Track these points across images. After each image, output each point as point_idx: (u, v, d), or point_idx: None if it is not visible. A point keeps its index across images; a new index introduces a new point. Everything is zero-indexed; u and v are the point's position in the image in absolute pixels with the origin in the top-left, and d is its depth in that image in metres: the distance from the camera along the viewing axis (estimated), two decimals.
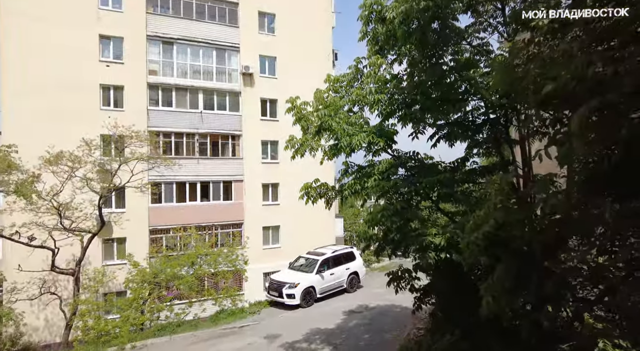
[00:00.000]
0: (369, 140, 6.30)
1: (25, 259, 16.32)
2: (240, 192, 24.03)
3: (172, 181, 22.14)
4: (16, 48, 18.75)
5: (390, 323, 12.96)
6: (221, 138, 23.80)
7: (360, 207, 7.15)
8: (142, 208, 21.30)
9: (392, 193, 6.45)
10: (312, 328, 12.78)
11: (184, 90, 22.61)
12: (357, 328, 12.75)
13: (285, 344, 11.58)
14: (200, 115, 22.88)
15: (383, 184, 6.17)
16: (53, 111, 18.81)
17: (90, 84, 20.25)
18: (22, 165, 15.08)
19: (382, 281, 19.97)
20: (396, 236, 8.10)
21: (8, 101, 18.63)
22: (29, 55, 18.92)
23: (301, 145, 7.37)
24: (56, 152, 15.00)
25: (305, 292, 15.43)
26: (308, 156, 10.53)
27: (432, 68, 7.02)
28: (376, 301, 15.72)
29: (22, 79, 18.69)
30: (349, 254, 17.92)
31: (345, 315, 14.13)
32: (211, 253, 17.10)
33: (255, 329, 13.32)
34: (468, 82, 7.08)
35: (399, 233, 8.13)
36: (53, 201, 14.80)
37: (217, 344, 12.10)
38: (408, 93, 6.72)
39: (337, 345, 11.26)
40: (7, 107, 18.59)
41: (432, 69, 7.02)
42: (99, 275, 15.51)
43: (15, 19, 18.73)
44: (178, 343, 12.52)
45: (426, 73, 7.04)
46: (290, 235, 24.61)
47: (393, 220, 5.81)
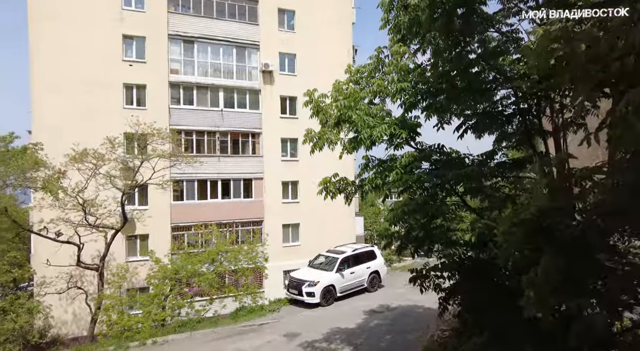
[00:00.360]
0: (390, 132, 5.98)
1: (54, 254, 16.79)
2: (260, 190, 24.04)
3: (193, 179, 22.34)
4: (45, 51, 19.30)
5: (412, 324, 12.58)
6: (241, 136, 23.86)
7: (382, 203, 6.82)
8: (164, 206, 21.60)
9: (415, 187, 6.13)
10: (332, 328, 12.55)
11: (204, 88, 22.77)
12: (378, 328, 12.44)
13: (304, 343, 11.39)
14: (221, 113, 22.99)
15: (406, 178, 5.85)
16: (79, 110, 19.28)
17: (113, 83, 20.65)
18: (49, 162, 15.47)
19: (404, 281, 19.53)
20: (419, 233, 7.77)
21: (38, 101, 19.21)
22: (56, 57, 19.46)
23: (319, 139, 7.13)
24: (81, 150, 15.27)
25: (325, 290, 15.20)
26: (328, 153, 10.28)
27: (458, 57, 6.65)
28: (398, 302, 15.35)
29: (50, 80, 19.23)
30: (370, 253, 17.58)
31: (366, 315, 13.83)
32: (231, 250, 17.10)
33: (274, 327, 13.20)
34: (497, 71, 6.68)
35: (423, 230, 7.80)
36: (78, 197, 15.11)
37: (236, 341, 12.04)
38: (433, 82, 6.37)
39: (358, 345, 10.99)
40: (37, 107, 19.17)
41: (458, 57, 6.64)
42: (122, 271, 15.73)
43: (44, 23, 19.28)
44: (198, 339, 12.53)
45: (452, 62, 6.68)
46: (309, 233, 24.46)
47: (416, 217, 5.49)
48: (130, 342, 12.41)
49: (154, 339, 12.48)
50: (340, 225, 24.90)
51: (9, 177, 13.24)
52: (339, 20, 26.11)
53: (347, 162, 25.72)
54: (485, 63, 6.70)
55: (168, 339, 12.62)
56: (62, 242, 15.69)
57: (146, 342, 12.36)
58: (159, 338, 12.63)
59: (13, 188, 13.53)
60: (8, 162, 13.27)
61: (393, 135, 6.13)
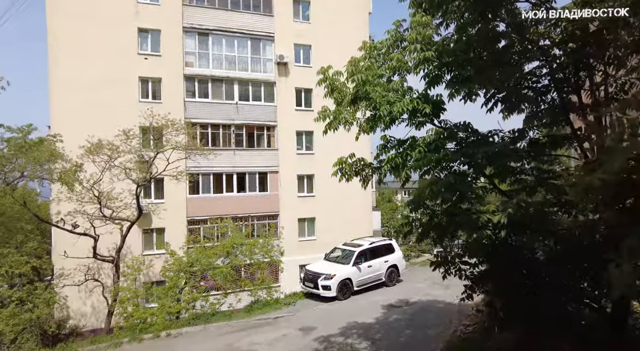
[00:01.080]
0: (413, 107, 5.48)
1: (72, 246, 16.90)
2: (275, 183, 23.77)
3: (209, 172, 22.23)
4: (62, 47, 19.43)
5: (433, 319, 12.04)
6: (256, 129, 23.62)
7: (401, 186, 6.25)
8: (180, 199, 21.57)
9: (441, 167, 5.61)
10: (349, 322, 12.12)
11: (219, 81, 22.59)
12: (397, 323, 11.95)
13: (320, 337, 11.00)
14: (236, 106, 22.78)
15: (430, 157, 5.35)
16: (95, 104, 19.34)
17: (129, 77, 20.68)
18: (67, 155, 15.52)
19: (423, 276, 19.01)
20: (443, 220, 7.26)
21: (56, 96, 19.38)
22: (73, 52, 19.57)
23: (334, 118, 6.69)
24: (96, 141, 15.25)
25: (341, 284, 14.77)
26: (344, 146, 9.80)
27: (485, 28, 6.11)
28: (417, 296, 14.81)
29: (67, 76, 19.36)
30: (388, 246, 17.03)
31: (384, 309, 13.36)
32: (247, 243, 16.85)
33: (289, 321, 12.87)
34: (528, 41, 6.09)
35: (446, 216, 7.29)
36: (94, 189, 15.09)
37: (251, 334, 11.75)
38: (459, 54, 5.83)
39: (376, 340, 10.54)
40: (55, 101, 19.35)
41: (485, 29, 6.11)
42: (137, 263, 15.66)
43: (61, 18, 19.38)
44: (212, 332, 12.31)
45: (479, 35, 6.14)
46: (325, 228, 24.06)
47: (445, 197, 4.98)
48: (144, 334, 12.28)
49: (168, 331, 12.32)
50: (357, 219, 24.42)
51: (27, 168, 13.26)
52: (355, 10, 25.54)
53: (364, 151, 25.13)
54: (515, 34, 6.13)
55: (182, 331, 12.44)
56: (78, 234, 15.74)
57: (160, 334, 12.21)
58: (173, 330, 12.46)
59: (29, 179, 13.55)
60: (25, 153, 13.30)
61: (415, 110, 5.63)
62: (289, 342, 10.94)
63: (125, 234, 16.42)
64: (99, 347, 11.69)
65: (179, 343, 11.66)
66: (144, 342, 11.93)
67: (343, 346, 10.27)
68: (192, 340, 11.82)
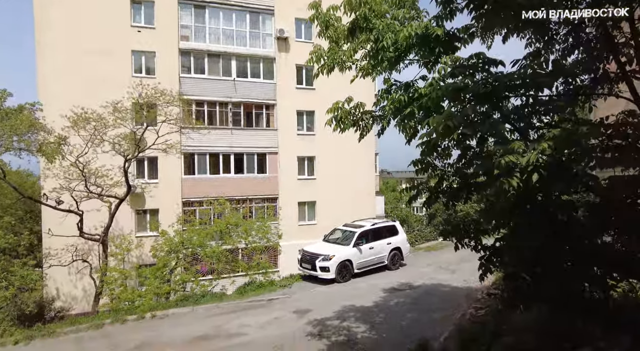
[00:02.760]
0: (422, 31, 4.45)
1: (58, 225, 16.07)
2: (274, 165, 22.82)
3: (205, 152, 21.31)
4: (49, 17, 18.43)
5: (438, 303, 11.11)
6: (255, 108, 22.60)
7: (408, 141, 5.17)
8: (175, 179, 20.72)
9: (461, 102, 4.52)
10: (347, 305, 11.23)
11: (216, 56, 21.52)
12: (399, 306, 11.04)
13: (315, 320, 10.12)
14: (233, 83, 21.74)
15: (444, 88, 4.29)
16: (85, 79, 18.41)
17: (121, 50, 19.70)
18: (51, 127, 14.61)
19: (427, 260, 18.07)
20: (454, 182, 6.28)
21: (43, 71, 18.45)
22: (62, 24, 18.58)
23: (328, 58, 5.67)
24: (80, 111, 14.31)
25: (340, 266, 13.84)
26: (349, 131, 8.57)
27: None
28: (421, 280, 13.87)
29: (55, 48, 18.42)
30: (391, 228, 16.04)
31: (385, 293, 12.44)
32: (242, 222, 15.96)
33: (284, 303, 12.00)
34: None
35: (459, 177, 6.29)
36: (78, 163, 14.19)
37: (241, 317, 10.90)
38: None
39: (375, 324, 9.63)
40: (42, 76, 18.43)
41: None
42: (125, 243, 14.84)
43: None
44: (200, 314, 11.48)
45: None
46: (327, 212, 23.12)
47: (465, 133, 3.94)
48: (128, 315, 11.48)
49: (154, 313, 11.50)
50: (360, 203, 23.44)
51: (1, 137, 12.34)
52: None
53: None
54: None
55: (168, 313, 11.62)
56: (62, 210, 14.90)
57: (145, 316, 11.40)
58: (159, 311, 11.65)
59: (4, 150, 12.65)
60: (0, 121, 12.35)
61: (426, 37, 4.57)
62: (281, 325, 10.07)
63: (113, 212, 15.56)
64: (79, 328, 10.88)
65: (164, 324, 10.84)
66: (128, 324, 11.11)
67: (339, 329, 9.37)
68: (178, 321, 10.99)
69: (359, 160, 24.07)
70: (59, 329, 10.89)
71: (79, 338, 10.43)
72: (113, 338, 10.17)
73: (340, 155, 23.68)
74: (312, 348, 8.39)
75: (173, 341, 9.55)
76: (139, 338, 9.96)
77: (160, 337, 9.92)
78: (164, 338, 9.87)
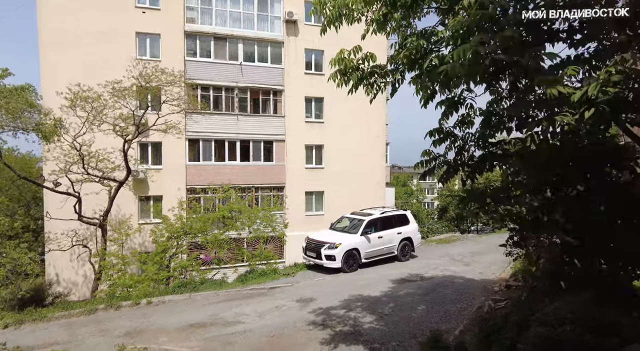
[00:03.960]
0: None
1: (59, 209, 15.64)
2: (282, 153, 22.10)
3: (210, 138, 20.70)
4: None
5: (452, 295, 10.28)
6: (262, 94, 21.87)
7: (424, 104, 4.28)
8: (179, 165, 20.18)
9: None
10: (354, 295, 10.48)
11: (222, 39, 20.83)
12: (409, 297, 10.24)
13: (318, 309, 9.40)
14: (240, 67, 21.04)
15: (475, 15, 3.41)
16: (88, 61, 17.91)
17: (126, 31, 19.14)
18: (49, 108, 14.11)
19: (440, 253, 17.18)
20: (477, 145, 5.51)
21: (46, 53, 18.01)
22: (65, 3, 18.08)
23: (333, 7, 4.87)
24: (77, 89, 13.76)
25: (347, 254, 13.08)
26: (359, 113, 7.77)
27: None
28: (433, 272, 13.04)
29: (58, 30, 17.93)
30: (402, 217, 15.19)
31: (395, 284, 11.65)
32: (246, 209, 15.30)
33: (286, 292, 11.31)
34: None
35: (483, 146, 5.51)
36: (75, 143, 13.66)
37: (241, 305, 10.24)
38: None
39: (384, 315, 8.86)
40: (44, 55, 17.99)
41: None
42: (124, 227, 14.31)
43: None
44: (197, 301, 10.85)
45: None
46: (335, 202, 22.34)
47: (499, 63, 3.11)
48: (122, 301, 10.92)
49: (149, 299, 10.92)
50: (369, 194, 22.59)
51: None
52: None
53: (379, 113, 23.04)
54: None
55: (165, 300, 11.03)
56: (59, 192, 14.38)
57: (140, 302, 10.83)
58: (155, 298, 11.06)
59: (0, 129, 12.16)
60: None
61: None
62: (281, 314, 9.37)
63: (113, 196, 15.03)
64: (71, 313, 10.38)
65: (159, 311, 10.24)
66: (121, 310, 10.56)
67: (344, 319, 8.63)
68: (174, 308, 10.38)
69: (368, 150, 23.26)
70: (50, 314, 10.40)
71: (70, 323, 9.92)
72: (104, 323, 9.63)
73: (350, 143, 22.89)
74: (313, 338, 7.67)
75: (165, 328, 8.94)
76: (131, 324, 9.39)
77: (153, 324, 9.32)
78: (156, 324, 9.27)
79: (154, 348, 7.50)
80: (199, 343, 7.82)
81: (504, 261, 14.14)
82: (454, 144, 5.90)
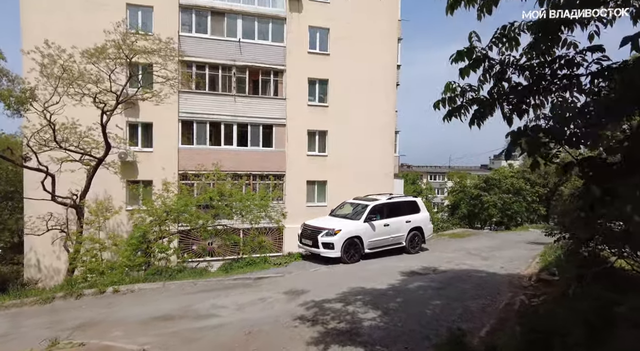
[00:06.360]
0: None
1: (36, 190, 14.31)
2: (282, 139, 20.56)
3: (204, 120, 19.25)
4: None
5: (472, 291, 8.59)
6: (262, 74, 20.34)
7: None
8: (171, 148, 18.80)
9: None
10: (354, 287, 8.86)
11: (220, 14, 19.36)
12: (420, 291, 8.57)
13: (310, 302, 7.79)
14: (239, 44, 19.55)
15: None
16: (74, 33, 16.53)
17: (115, 3, 17.78)
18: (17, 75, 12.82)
19: (453, 247, 15.40)
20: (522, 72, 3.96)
21: (27, 22, 16.76)
22: None
23: None
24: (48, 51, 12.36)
25: (348, 243, 11.43)
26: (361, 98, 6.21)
27: None
28: (448, 265, 11.35)
29: None
30: (411, 204, 13.47)
31: (403, 276, 9.98)
32: (237, 192, 13.76)
33: (275, 282, 9.71)
34: None
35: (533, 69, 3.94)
36: (46, 111, 12.24)
37: (220, 296, 8.67)
38: None
39: (390, 310, 7.20)
40: (26, 28, 16.71)
41: None
42: (101, 208, 12.88)
43: None
44: (171, 291, 9.32)
45: None
46: (338, 193, 20.62)
47: None
48: (86, 289, 9.43)
49: (116, 287, 9.42)
50: (376, 185, 20.85)
51: None
52: None
53: (388, 99, 21.33)
54: None
55: (134, 288, 9.51)
56: (28, 168, 13.02)
57: (106, 290, 9.33)
58: (124, 286, 9.55)
59: None
60: None
61: None
62: (265, 307, 7.76)
63: (91, 174, 13.60)
64: (23, 302, 8.90)
65: (124, 301, 8.72)
66: (83, 299, 9.06)
67: (340, 314, 6.99)
68: (142, 298, 8.85)
69: (376, 138, 21.62)
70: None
71: (19, 312, 8.44)
72: (58, 314, 8.13)
73: (356, 130, 21.27)
74: (297, 337, 6.05)
75: (125, 321, 7.39)
76: (88, 315, 7.87)
77: (113, 315, 7.78)
78: (117, 316, 7.73)
79: (93, 344, 5.95)
80: (154, 339, 6.25)
81: (527, 256, 12.40)
82: (489, 72, 4.28)
